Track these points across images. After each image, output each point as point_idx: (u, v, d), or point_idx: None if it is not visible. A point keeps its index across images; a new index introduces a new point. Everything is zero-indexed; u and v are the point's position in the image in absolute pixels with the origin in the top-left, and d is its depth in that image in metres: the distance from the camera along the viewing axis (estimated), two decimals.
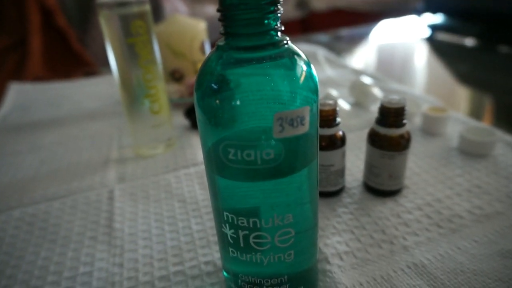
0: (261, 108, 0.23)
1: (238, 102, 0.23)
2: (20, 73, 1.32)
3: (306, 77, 0.24)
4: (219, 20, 0.23)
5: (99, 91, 0.91)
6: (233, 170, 0.24)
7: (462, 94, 0.93)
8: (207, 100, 0.24)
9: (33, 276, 0.37)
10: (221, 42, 0.24)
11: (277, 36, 0.24)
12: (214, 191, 0.27)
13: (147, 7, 0.50)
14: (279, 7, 0.23)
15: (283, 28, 0.24)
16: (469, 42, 1.27)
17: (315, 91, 0.24)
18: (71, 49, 1.41)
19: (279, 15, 0.23)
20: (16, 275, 0.37)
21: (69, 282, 0.36)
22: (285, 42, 0.24)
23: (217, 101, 0.23)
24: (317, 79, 0.25)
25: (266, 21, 0.23)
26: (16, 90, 0.93)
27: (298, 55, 0.24)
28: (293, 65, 0.24)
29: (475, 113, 0.81)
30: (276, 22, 0.23)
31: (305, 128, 0.23)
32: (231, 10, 0.22)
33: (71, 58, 1.41)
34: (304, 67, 0.24)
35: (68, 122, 0.74)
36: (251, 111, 0.23)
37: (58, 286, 0.35)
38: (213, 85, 0.24)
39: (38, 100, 0.87)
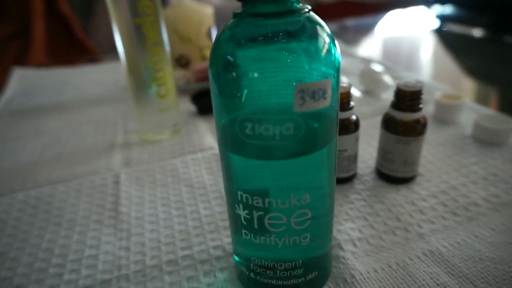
0: (279, 82, 0.22)
1: (255, 75, 0.22)
2: (23, 60, 1.30)
3: (327, 51, 0.22)
4: None
5: (103, 77, 0.90)
6: (250, 147, 0.23)
7: (470, 85, 0.91)
8: (222, 73, 0.23)
9: (38, 258, 0.36)
10: (238, 10, 0.23)
11: (297, 3, 0.22)
12: (228, 170, 0.26)
13: None
14: None
15: None
16: (477, 32, 1.25)
17: (337, 66, 0.23)
18: (74, 36, 1.40)
19: None
20: (20, 257, 0.36)
21: (74, 265, 0.35)
22: (306, 10, 0.22)
23: (234, 74, 0.22)
24: (339, 54, 0.23)
25: None
26: (19, 76, 0.91)
27: (320, 26, 0.23)
28: (313, 36, 0.22)
29: (483, 103, 0.79)
30: None
31: (326, 102, 0.22)
32: None
33: (74, 45, 1.40)
34: (326, 39, 0.23)
35: (72, 108, 0.72)
36: (269, 85, 0.22)
37: (63, 268, 0.34)
38: (229, 57, 0.22)
39: (42, 86, 0.85)
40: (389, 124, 0.41)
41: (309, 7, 0.23)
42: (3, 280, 0.34)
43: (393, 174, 0.43)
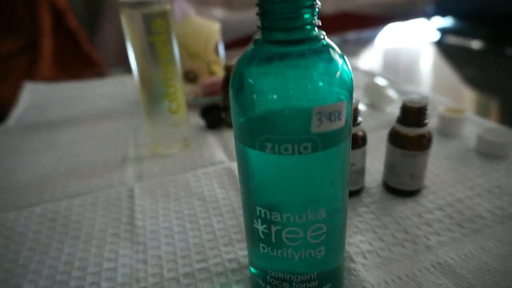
0: (296, 104, 0.23)
1: (274, 97, 0.23)
2: (31, 74, 1.33)
3: (341, 74, 0.24)
4: (257, 14, 0.23)
5: (112, 91, 0.91)
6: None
7: (470, 96, 0.93)
8: (242, 95, 0.24)
9: (58, 271, 0.37)
10: (258, 36, 0.24)
11: (314, 30, 0.24)
12: (247, 187, 0.27)
13: (168, 6, 0.50)
14: (317, 1, 0.23)
15: (320, 23, 0.24)
16: (477, 44, 1.27)
17: (350, 88, 0.25)
18: (82, 49, 1.42)
19: (316, 9, 0.23)
20: (41, 270, 0.37)
21: (94, 277, 0.36)
22: (322, 37, 0.24)
23: (254, 96, 0.24)
24: (351, 76, 0.25)
25: (303, 16, 0.23)
26: (30, 90, 0.93)
27: (334, 50, 0.24)
28: (328, 61, 0.24)
29: (484, 114, 0.81)
30: (313, 17, 0.23)
31: (341, 123, 0.23)
32: (269, 4, 0.23)
33: (82, 58, 1.43)
34: (340, 63, 0.24)
35: (83, 122, 0.74)
36: (286, 106, 0.23)
37: (83, 281, 0.35)
38: (249, 80, 0.24)
39: (53, 100, 0.87)
40: (395, 138, 0.43)
41: (324, 34, 0.24)
42: None
43: (400, 187, 0.44)
